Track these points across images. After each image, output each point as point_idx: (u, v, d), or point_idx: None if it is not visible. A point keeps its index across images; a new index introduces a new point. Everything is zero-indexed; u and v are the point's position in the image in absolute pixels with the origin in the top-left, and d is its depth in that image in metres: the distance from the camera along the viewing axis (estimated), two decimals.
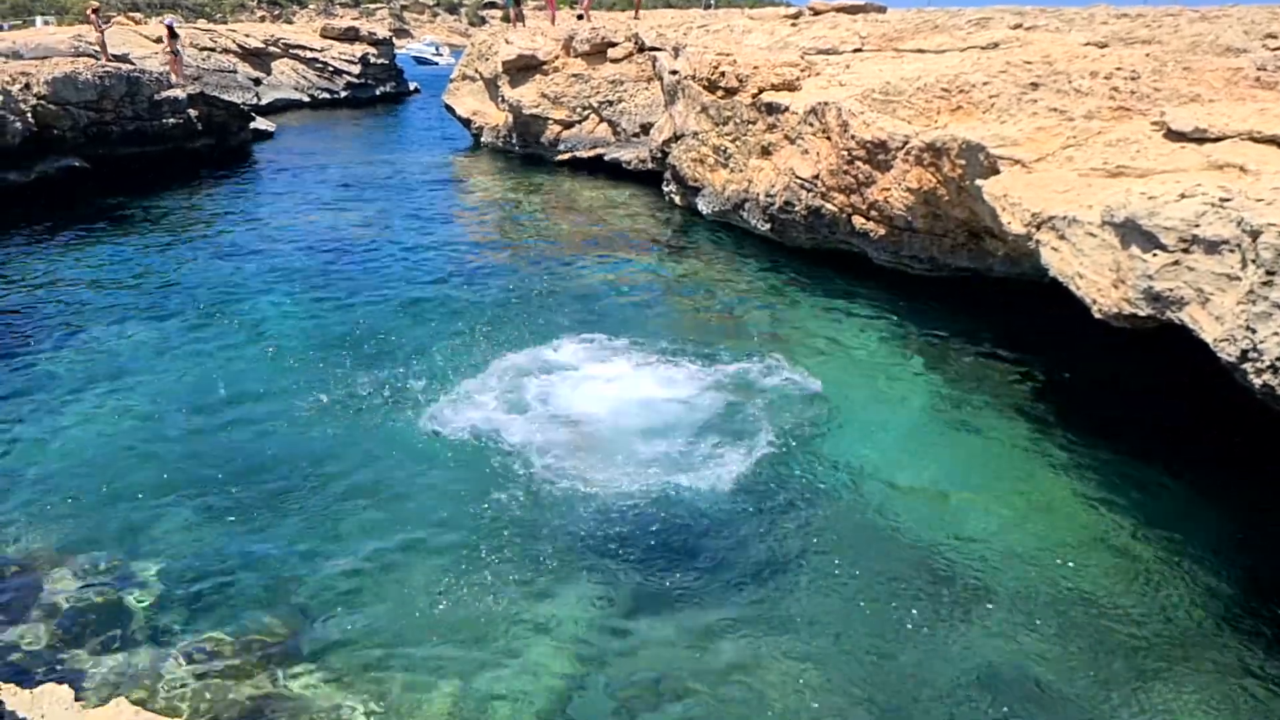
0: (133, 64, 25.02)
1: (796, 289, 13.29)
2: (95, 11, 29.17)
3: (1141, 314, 6.91)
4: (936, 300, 12.15)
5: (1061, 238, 7.97)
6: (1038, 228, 8.34)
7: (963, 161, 10.31)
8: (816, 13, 18.84)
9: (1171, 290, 6.55)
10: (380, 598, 6.30)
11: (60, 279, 13.71)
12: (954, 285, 12.22)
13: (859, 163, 12.18)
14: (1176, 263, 6.49)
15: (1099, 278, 7.40)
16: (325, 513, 7.31)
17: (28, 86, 19.14)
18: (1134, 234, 6.86)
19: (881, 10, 18.48)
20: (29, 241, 15.81)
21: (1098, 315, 7.43)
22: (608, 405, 8.92)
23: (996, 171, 9.61)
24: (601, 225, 17.75)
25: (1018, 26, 14.76)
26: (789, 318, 12.16)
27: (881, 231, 12.37)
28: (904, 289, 12.58)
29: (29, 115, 18.60)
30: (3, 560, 6.67)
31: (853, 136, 12.10)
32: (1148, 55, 10.71)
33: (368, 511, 7.31)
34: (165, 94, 22.59)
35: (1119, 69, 10.31)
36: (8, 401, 9.35)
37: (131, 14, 52.36)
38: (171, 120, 22.55)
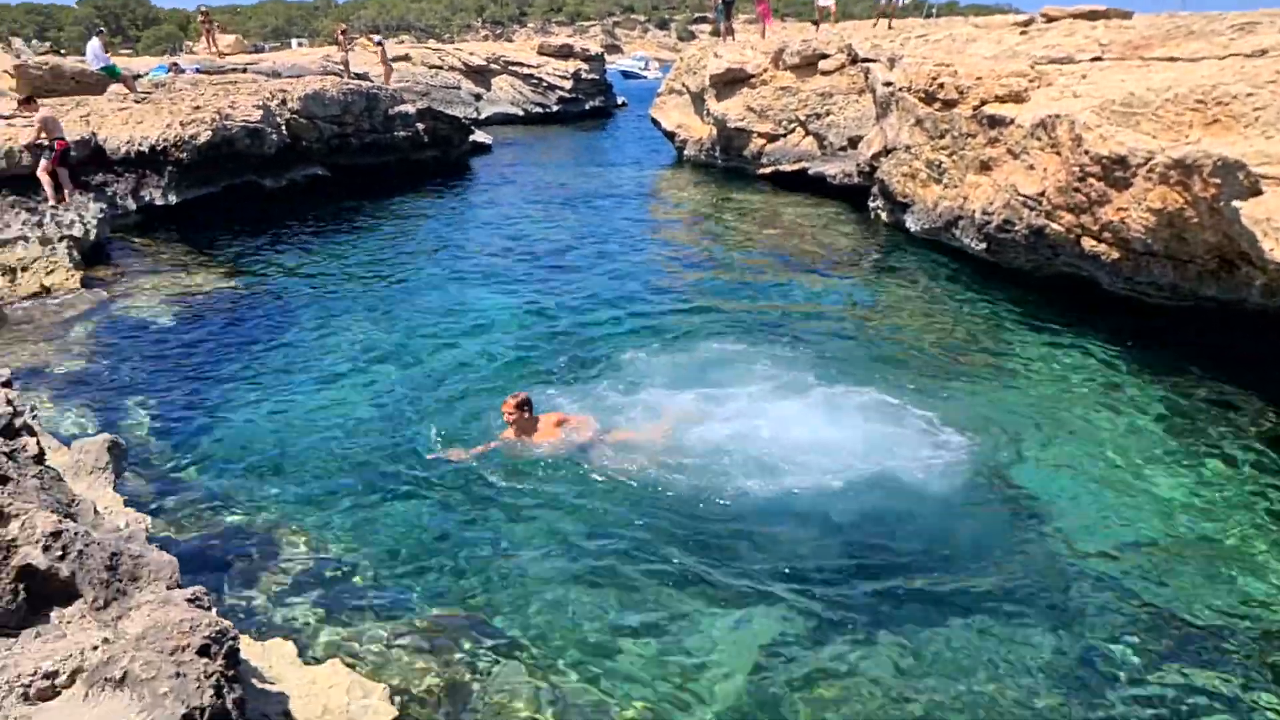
0: (371, 81, 26.89)
1: (1014, 315, 12.44)
2: (344, 33, 31.72)
3: None
4: (1176, 332, 11.05)
5: None
6: None
7: (1217, 180, 9.30)
8: (1050, 19, 17.68)
9: None
10: (575, 597, 6.30)
11: (300, 273, 14.87)
12: (1199, 316, 11.06)
13: (1092, 180, 11.25)
14: None
15: None
16: (528, 510, 7.40)
17: (284, 102, 20.89)
18: None
19: (1126, 16, 17.10)
20: (278, 238, 17.25)
21: None
22: (795, 427, 8.60)
23: (1259, 192, 8.59)
24: (804, 242, 17.36)
25: None
26: (1005, 345, 11.39)
27: (1115, 255, 11.37)
28: (1138, 318, 11.51)
29: (284, 128, 20.27)
30: (244, 524, 7.19)
31: (1086, 151, 11.20)
32: None
33: (565, 515, 7.34)
34: (398, 109, 24.08)
35: None
36: (251, 380, 10.13)
37: (371, 35, 56.40)
38: (402, 133, 24.01)
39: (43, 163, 14.87)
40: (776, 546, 6.87)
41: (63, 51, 47.44)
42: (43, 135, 14.80)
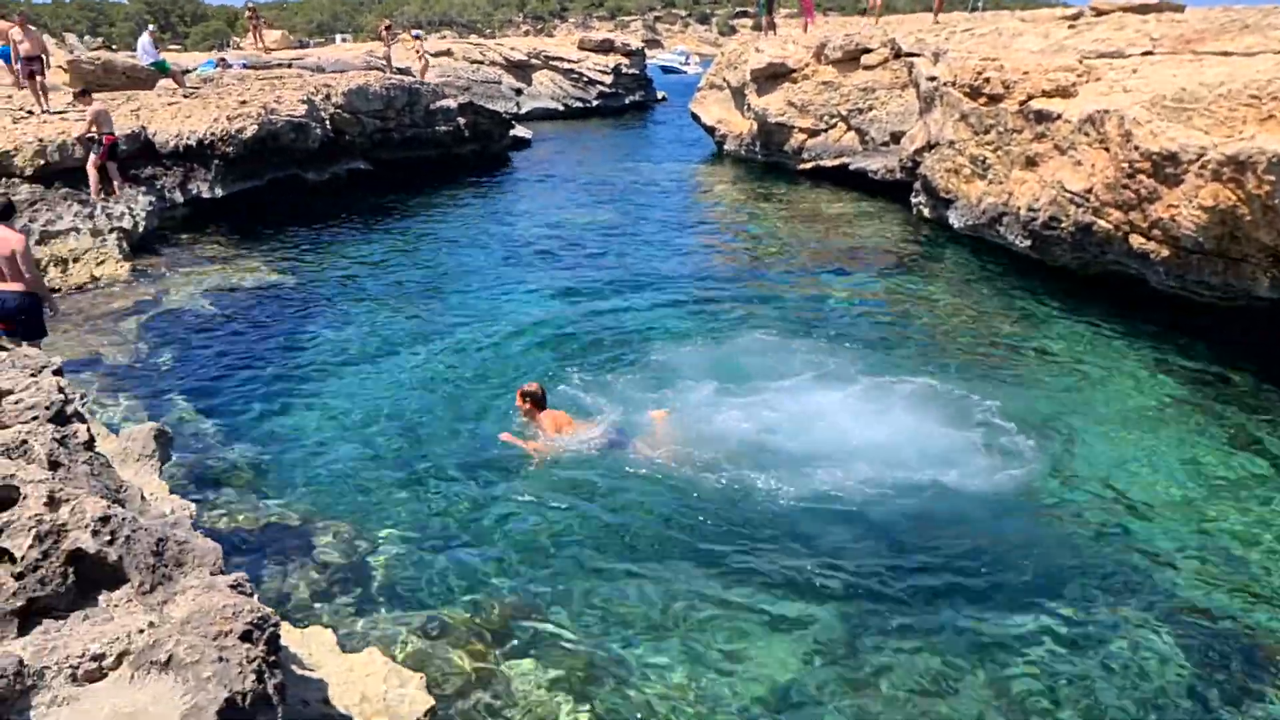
0: (413, 76, 27.09)
1: (1059, 313, 12.26)
2: (387, 29, 32.05)
3: None
4: (1226, 332, 10.83)
5: None
6: None
7: (1272, 178, 9.08)
8: (1099, 13, 17.35)
9: None
10: (613, 591, 6.31)
11: (342, 265, 15.06)
12: (1250, 316, 10.82)
13: (1142, 176, 11.03)
14: None
15: None
16: (567, 503, 7.42)
17: (328, 97, 21.12)
18: None
19: (1179, 9, 16.72)
20: (321, 231, 17.46)
21: None
22: (836, 423, 8.53)
23: None
24: (845, 237, 17.23)
25: None
26: (1051, 343, 11.22)
27: (1164, 253, 11.15)
28: (1188, 318, 11.29)
29: (327, 123, 20.50)
30: (286, 512, 7.29)
31: (1136, 147, 10.98)
32: None
33: (605, 510, 7.35)
34: (439, 104, 24.24)
35: None
36: (294, 370, 10.28)
37: (410, 31, 56.82)
38: (443, 127, 24.17)
39: (91, 157, 15.12)
40: (819, 543, 6.83)
41: (114, 47, 48.39)
42: (93, 129, 15.07)
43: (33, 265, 8.52)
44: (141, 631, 3.08)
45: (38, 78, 17.41)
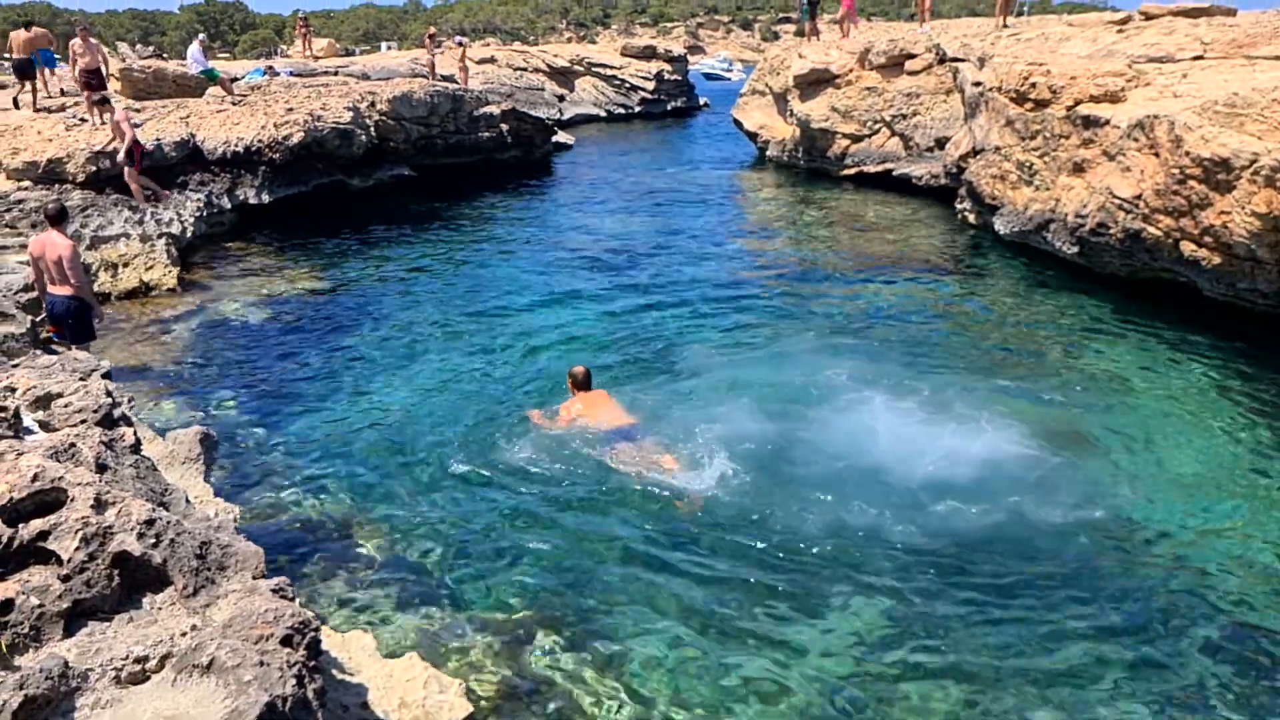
0: (457, 83, 27.34)
1: (1108, 320, 12.03)
2: (431, 37, 32.37)
3: None
4: None
5: None
6: None
7: None
8: (1149, 17, 17.04)
9: None
10: (654, 600, 6.27)
11: (385, 270, 15.20)
12: None
13: (1193, 182, 10.81)
14: None
15: None
16: (609, 510, 7.40)
17: (373, 104, 21.38)
18: None
19: (1230, 13, 16.36)
20: (365, 237, 17.64)
21: None
22: (880, 430, 8.44)
23: None
24: (889, 244, 17.06)
25: None
26: (1101, 351, 11.00)
27: (1216, 260, 10.91)
28: (1242, 326, 11.04)
29: (372, 129, 20.76)
30: (328, 517, 7.36)
31: (1186, 153, 10.76)
32: None
33: (647, 516, 7.32)
34: (482, 110, 24.44)
35: None
36: (338, 376, 10.37)
37: (452, 38, 57.36)
38: (486, 134, 24.35)
39: (127, 170, 15.16)
40: (863, 553, 6.75)
41: (165, 55, 49.44)
42: (118, 140, 15.06)
43: (81, 271, 8.72)
44: (184, 634, 3.12)
45: (94, 93, 17.58)
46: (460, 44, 32.33)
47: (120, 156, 15.19)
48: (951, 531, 7.01)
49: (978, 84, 17.04)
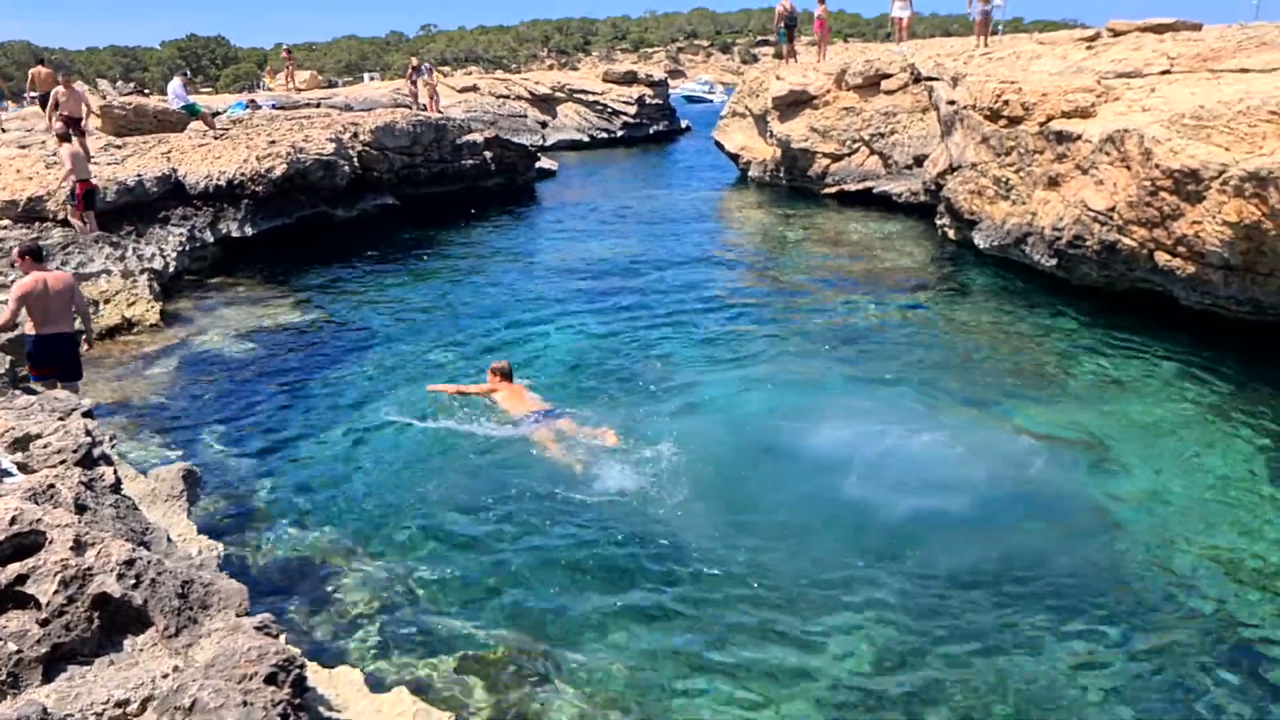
0: (440, 112, 27.45)
1: (1087, 331, 12.16)
2: (415, 69, 32.50)
3: None
4: (1258, 348, 10.68)
5: None
6: None
7: None
8: (1116, 33, 17.30)
9: None
10: (642, 629, 6.27)
11: (370, 301, 15.20)
12: None
13: (1164, 194, 10.97)
14: None
15: None
16: (597, 539, 7.40)
17: (355, 135, 21.46)
18: None
19: (1196, 28, 16.63)
20: (348, 268, 17.63)
21: None
22: (871, 444, 8.50)
23: None
24: (870, 260, 17.20)
25: None
26: (1082, 361, 11.12)
27: (1191, 269, 11.05)
28: (1218, 334, 11.17)
29: (355, 160, 20.83)
30: (313, 552, 7.34)
31: (1157, 165, 10.93)
32: None
33: (635, 544, 7.33)
34: (465, 138, 24.55)
35: None
36: (322, 410, 10.33)
37: (441, 68, 57.70)
38: (469, 162, 24.45)
39: (69, 208, 14.80)
40: (857, 569, 6.77)
41: (146, 91, 49.51)
42: (70, 176, 14.55)
43: (84, 301, 8.88)
44: (166, 676, 3.13)
45: (75, 139, 17.39)
46: (418, 67, 32.42)
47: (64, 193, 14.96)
48: (929, 547, 7.05)
49: (952, 102, 17.25)
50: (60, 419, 5.03)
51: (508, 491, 8.09)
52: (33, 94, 24.66)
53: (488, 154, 25.04)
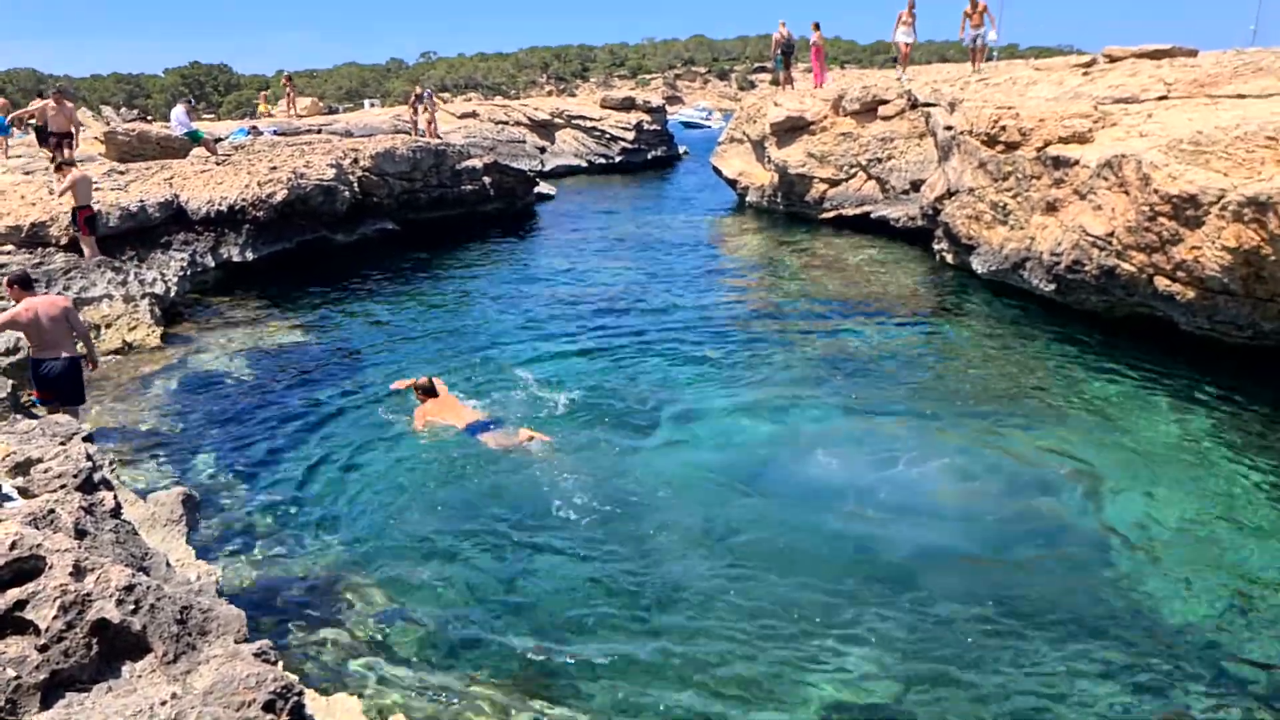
0: (439, 138, 27.60)
1: (1087, 357, 12.16)
2: (417, 96, 32.75)
3: None
4: (1260, 373, 10.68)
5: None
6: None
7: None
8: (1113, 59, 17.43)
9: None
10: (646, 658, 6.22)
11: (370, 326, 15.22)
12: None
13: (1162, 219, 11.02)
14: None
15: None
16: (598, 567, 7.37)
17: (355, 161, 21.58)
18: None
19: (1191, 54, 16.76)
20: (349, 293, 17.64)
21: None
22: (862, 476, 8.49)
23: None
24: (868, 285, 17.24)
25: None
26: (1078, 389, 11.11)
27: (1190, 294, 11.07)
28: (1218, 358, 11.17)
29: (355, 185, 20.93)
30: (314, 577, 7.28)
31: (1155, 190, 10.98)
32: None
33: (635, 573, 7.31)
34: (465, 164, 24.68)
35: None
36: (323, 434, 10.27)
37: (440, 94, 58.04)
38: (469, 187, 24.57)
39: (74, 230, 14.89)
40: (849, 594, 6.75)
41: (149, 118, 49.76)
42: (72, 199, 14.62)
43: (82, 325, 8.88)
44: (164, 703, 3.10)
45: (65, 152, 17.65)
46: (419, 95, 32.79)
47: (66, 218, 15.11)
48: (923, 573, 7.04)
49: (949, 128, 17.35)
50: (61, 443, 5.02)
51: (510, 516, 8.07)
52: (31, 123, 24.95)
53: (487, 179, 25.17)
